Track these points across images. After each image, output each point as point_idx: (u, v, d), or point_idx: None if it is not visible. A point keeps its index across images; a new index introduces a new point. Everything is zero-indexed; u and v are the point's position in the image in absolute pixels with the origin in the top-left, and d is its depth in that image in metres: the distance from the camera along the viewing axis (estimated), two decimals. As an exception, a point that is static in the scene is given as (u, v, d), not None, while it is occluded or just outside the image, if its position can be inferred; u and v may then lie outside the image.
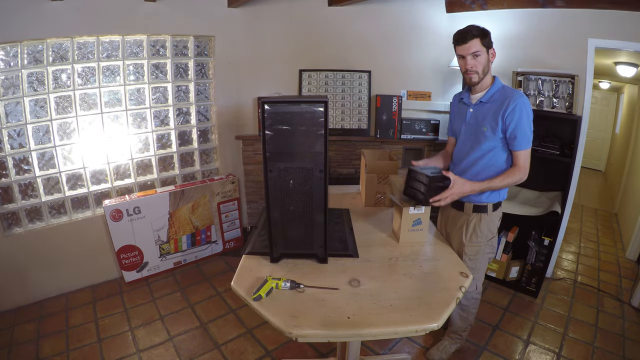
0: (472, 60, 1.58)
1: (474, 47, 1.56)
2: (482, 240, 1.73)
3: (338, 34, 3.20)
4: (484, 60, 1.58)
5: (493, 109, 1.59)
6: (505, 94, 1.58)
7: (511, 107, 1.53)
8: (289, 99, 1.29)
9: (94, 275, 2.82)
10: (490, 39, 1.59)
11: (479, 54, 1.57)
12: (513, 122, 1.54)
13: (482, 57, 1.58)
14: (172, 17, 2.76)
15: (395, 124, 3.18)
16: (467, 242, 1.73)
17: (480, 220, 1.70)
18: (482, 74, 1.60)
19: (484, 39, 1.56)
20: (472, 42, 1.55)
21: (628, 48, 2.49)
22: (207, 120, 3.25)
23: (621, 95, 6.00)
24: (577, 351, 2.18)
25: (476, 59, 1.58)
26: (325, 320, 1.14)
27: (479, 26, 1.57)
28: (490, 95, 1.62)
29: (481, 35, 1.56)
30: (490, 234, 1.74)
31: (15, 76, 2.34)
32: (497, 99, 1.60)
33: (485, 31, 1.57)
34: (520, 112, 1.52)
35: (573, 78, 2.49)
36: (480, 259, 1.76)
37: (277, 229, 1.38)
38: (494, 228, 1.75)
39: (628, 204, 4.03)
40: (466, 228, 1.73)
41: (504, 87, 1.64)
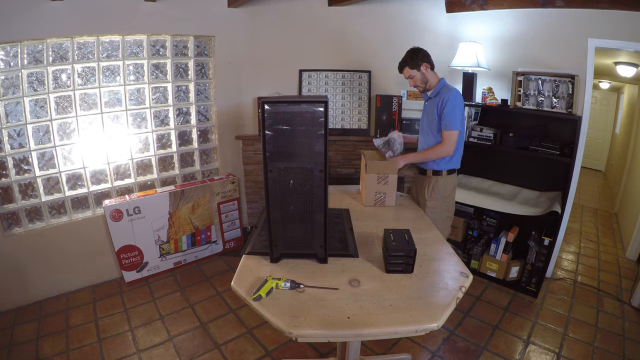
0: (411, 81, 2.17)
1: (406, 73, 2.14)
2: (439, 196, 2.15)
3: (338, 34, 3.20)
4: (418, 78, 2.13)
5: (435, 102, 2.08)
6: (442, 92, 2.06)
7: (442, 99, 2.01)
8: (289, 99, 1.29)
9: (94, 275, 2.83)
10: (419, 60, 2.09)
11: (412, 75, 2.13)
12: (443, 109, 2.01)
13: (416, 77, 2.12)
14: (172, 17, 2.76)
15: (395, 124, 3.18)
16: (428, 197, 2.16)
17: (437, 181, 2.15)
18: (422, 85, 2.15)
19: (411, 64, 2.10)
20: (404, 71, 2.14)
21: (628, 48, 2.49)
22: (207, 120, 3.26)
23: (621, 95, 6.00)
24: (577, 351, 2.18)
25: (412, 79, 2.15)
26: (325, 320, 1.14)
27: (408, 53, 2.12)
28: (435, 93, 2.12)
29: (409, 62, 2.11)
30: (445, 192, 2.16)
31: (15, 76, 2.34)
32: (438, 94, 2.09)
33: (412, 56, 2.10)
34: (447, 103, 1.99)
35: (573, 78, 2.49)
36: (438, 212, 2.16)
37: (277, 229, 1.38)
38: (448, 188, 2.16)
39: (628, 204, 4.03)
40: (427, 186, 2.17)
41: (444, 86, 2.09)
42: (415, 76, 2.12)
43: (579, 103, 2.59)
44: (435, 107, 2.06)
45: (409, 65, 2.12)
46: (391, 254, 1.37)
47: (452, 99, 1.99)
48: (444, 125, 2.02)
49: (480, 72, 2.93)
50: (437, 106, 2.03)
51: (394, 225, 1.80)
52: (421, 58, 2.11)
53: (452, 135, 2.02)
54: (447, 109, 1.99)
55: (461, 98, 2.04)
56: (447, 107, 1.99)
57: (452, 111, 1.99)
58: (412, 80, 2.16)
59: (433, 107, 2.08)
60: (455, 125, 2.00)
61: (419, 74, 2.11)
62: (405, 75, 2.15)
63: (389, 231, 1.49)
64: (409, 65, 2.12)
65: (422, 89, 2.18)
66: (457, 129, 2.01)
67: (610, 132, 6.58)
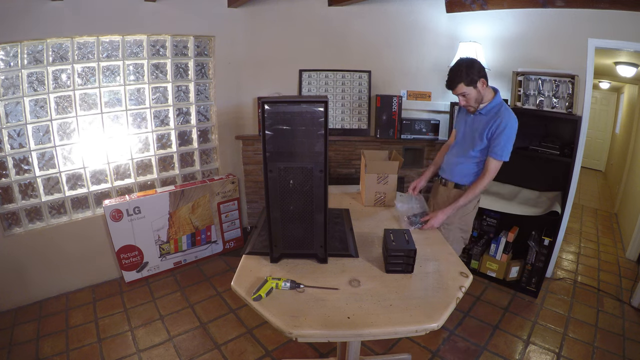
0: (463, 99, 1.85)
1: (460, 90, 1.80)
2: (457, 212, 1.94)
3: (338, 34, 3.20)
4: (473, 95, 1.81)
5: (486, 120, 1.83)
6: (499, 111, 1.81)
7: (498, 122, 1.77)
8: (289, 99, 1.29)
9: (94, 275, 2.82)
10: (474, 76, 1.76)
11: (467, 94, 1.80)
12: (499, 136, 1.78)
13: (471, 94, 1.80)
14: (172, 17, 2.76)
15: (395, 124, 3.18)
16: None
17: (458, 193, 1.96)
18: (476, 104, 1.84)
19: (467, 80, 1.76)
20: (458, 87, 1.80)
21: (628, 48, 2.50)
22: (207, 120, 3.25)
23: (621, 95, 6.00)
24: (577, 351, 2.18)
25: (466, 96, 1.82)
26: (325, 320, 1.14)
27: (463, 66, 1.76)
28: (489, 110, 1.85)
29: (464, 78, 1.76)
30: (465, 210, 1.97)
31: (15, 76, 2.34)
32: (492, 113, 1.83)
33: (469, 72, 1.75)
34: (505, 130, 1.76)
35: (573, 78, 2.49)
36: (453, 229, 1.98)
37: (277, 229, 1.38)
38: (468, 206, 1.98)
39: (628, 204, 4.03)
40: (448, 199, 2.00)
41: (501, 104, 1.84)
42: (470, 94, 1.80)
43: (579, 103, 2.59)
44: (485, 126, 1.81)
45: (464, 82, 1.77)
46: (391, 254, 1.37)
47: (510, 128, 1.76)
48: (495, 153, 1.79)
49: (480, 72, 2.93)
50: (489, 127, 1.79)
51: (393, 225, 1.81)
52: (477, 72, 1.77)
53: (499, 165, 1.83)
54: (504, 138, 1.76)
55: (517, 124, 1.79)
56: (504, 135, 1.76)
57: (507, 141, 1.77)
58: (464, 99, 1.83)
59: (481, 126, 1.84)
60: (507, 155, 1.79)
61: (475, 91, 1.80)
62: (458, 92, 1.82)
63: (389, 231, 1.49)
64: (464, 81, 1.77)
65: (473, 110, 1.88)
66: (506, 159, 1.80)
67: (610, 132, 6.58)
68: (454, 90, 1.83)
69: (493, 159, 1.81)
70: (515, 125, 1.78)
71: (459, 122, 2.05)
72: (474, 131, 1.88)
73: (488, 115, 1.83)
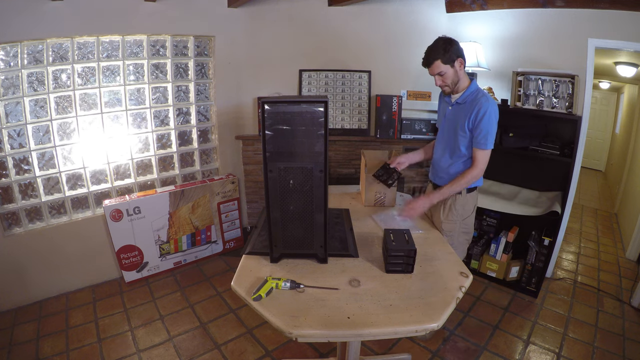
0: (439, 79, 1.77)
1: (437, 69, 1.72)
2: (457, 218, 1.88)
3: (338, 34, 3.20)
4: (450, 75, 1.74)
5: (464, 110, 1.76)
6: (476, 98, 1.73)
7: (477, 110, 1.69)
8: (289, 99, 1.29)
9: (94, 275, 2.82)
10: (452, 54, 1.69)
11: (443, 72, 1.73)
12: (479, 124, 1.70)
13: (448, 74, 1.74)
14: (172, 17, 2.76)
15: (395, 124, 3.18)
16: (444, 219, 1.89)
17: (455, 200, 1.86)
18: (452, 86, 1.77)
19: (444, 57, 1.69)
20: (434, 65, 1.72)
21: (628, 48, 2.49)
22: (207, 120, 3.25)
23: (621, 95, 6.00)
24: (577, 351, 2.18)
25: (442, 76, 1.75)
26: (325, 320, 1.14)
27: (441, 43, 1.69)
28: (464, 97, 1.78)
29: (441, 55, 1.69)
30: (465, 213, 1.89)
31: (15, 76, 2.34)
32: (469, 101, 1.76)
33: (446, 48, 1.68)
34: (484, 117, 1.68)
35: (573, 78, 2.49)
36: (455, 236, 1.90)
37: (277, 229, 1.38)
38: (468, 208, 1.90)
39: (628, 204, 4.03)
40: (444, 207, 1.89)
41: (477, 90, 1.77)
42: (446, 73, 1.72)
43: (579, 103, 2.59)
44: (465, 116, 1.74)
45: (441, 59, 1.69)
46: (391, 254, 1.37)
47: (490, 113, 1.67)
48: (478, 142, 1.72)
49: (480, 72, 2.93)
50: (469, 117, 1.72)
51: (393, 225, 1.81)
52: (456, 51, 1.71)
53: (487, 155, 1.74)
54: (485, 124, 1.68)
55: (497, 110, 1.72)
56: (485, 121, 1.68)
57: (490, 128, 1.69)
58: (440, 78, 1.76)
59: (462, 116, 1.76)
60: (491, 143, 1.71)
61: (452, 71, 1.72)
62: (434, 71, 1.74)
63: (389, 231, 1.49)
64: (442, 58, 1.69)
65: (449, 91, 1.81)
66: (492, 147, 1.73)
67: (610, 132, 6.58)
68: (430, 69, 1.75)
69: (479, 149, 1.73)
70: (494, 111, 1.70)
71: (440, 118, 1.99)
72: (455, 124, 1.80)
73: (465, 104, 1.76)
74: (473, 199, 1.92)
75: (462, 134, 1.77)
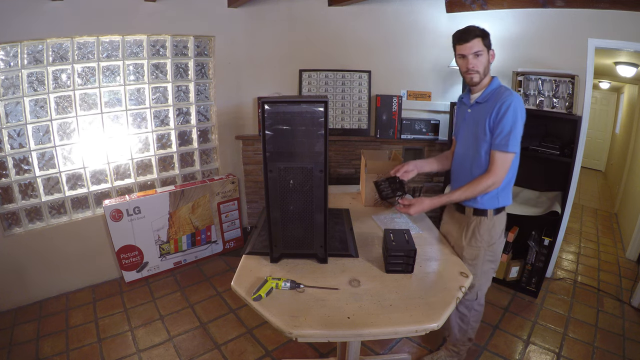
0: (473, 59, 1.55)
1: (476, 47, 1.53)
2: (481, 244, 1.65)
3: (338, 34, 3.20)
4: (485, 60, 1.56)
5: (485, 109, 1.56)
6: (498, 93, 1.55)
7: (499, 106, 1.50)
8: (289, 99, 1.29)
9: (94, 275, 2.82)
10: (490, 40, 1.57)
11: (481, 53, 1.54)
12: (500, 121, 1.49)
13: (484, 57, 1.55)
14: (172, 17, 2.76)
15: (395, 124, 3.18)
16: (466, 245, 1.67)
17: (480, 223, 1.64)
18: (482, 74, 1.57)
19: (485, 39, 1.54)
20: (474, 42, 1.52)
21: (628, 48, 2.50)
22: (207, 120, 3.25)
23: (621, 95, 6.00)
24: (577, 351, 2.18)
25: (477, 58, 1.54)
26: (325, 320, 1.14)
27: (479, 27, 1.56)
28: (485, 95, 1.59)
29: (482, 35, 1.54)
30: (491, 239, 1.66)
31: (15, 76, 2.34)
32: (490, 99, 1.57)
33: (485, 32, 1.56)
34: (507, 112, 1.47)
35: (573, 78, 2.49)
36: (479, 264, 1.67)
37: (277, 229, 1.38)
38: (494, 233, 1.66)
39: (628, 204, 4.03)
40: (466, 230, 1.67)
41: (500, 86, 1.59)
42: (483, 55, 1.55)
43: (579, 103, 2.59)
44: (486, 115, 1.53)
45: (482, 38, 1.54)
46: (391, 254, 1.37)
47: (515, 108, 1.47)
48: (499, 144, 1.49)
49: (480, 72, 2.93)
50: (491, 115, 1.51)
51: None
52: (490, 41, 1.58)
53: (507, 159, 1.51)
54: (507, 122, 1.47)
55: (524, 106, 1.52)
56: (508, 118, 1.46)
57: (513, 125, 1.47)
58: (475, 60, 1.54)
59: (482, 116, 1.55)
60: (514, 145, 1.49)
61: (487, 56, 1.57)
62: (470, 50, 1.53)
63: (389, 231, 1.49)
64: (483, 38, 1.54)
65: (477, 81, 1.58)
66: (515, 150, 1.51)
67: (610, 132, 6.58)
68: (467, 45, 1.53)
69: (497, 151, 1.51)
70: (520, 107, 1.49)
71: (458, 123, 1.77)
72: (475, 127, 1.60)
73: (487, 103, 1.57)
74: (501, 222, 1.67)
75: (483, 137, 1.55)
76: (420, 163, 1.86)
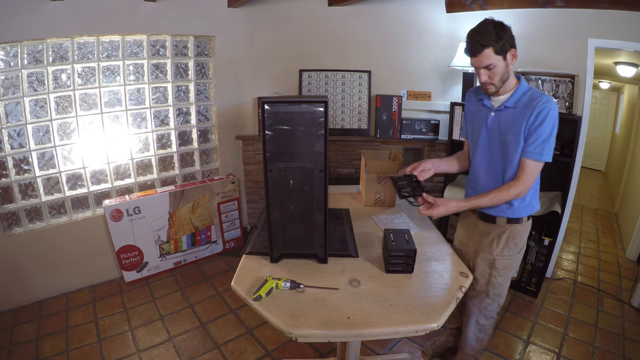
0: (485, 74, 1.40)
1: (486, 60, 1.36)
2: (513, 252, 1.58)
3: (338, 34, 3.20)
4: (500, 70, 1.38)
5: (518, 114, 1.41)
6: (532, 98, 1.39)
7: (537, 112, 1.35)
8: (289, 99, 1.29)
9: (94, 275, 2.82)
10: (506, 42, 1.35)
11: (492, 67, 1.36)
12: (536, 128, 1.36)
13: (498, 68, 1.37)
14: (172, 17, 2.76)
15: (395, 124, 3.18)
16: (499, 256, 1.57)
17: (514, 232, 1.56)
18: (499, 84, 1.42)
19: (497, 46, 1.34)
20: (483, 55, 1.35)
21: (628, 48, 2.50)
22: (207, 120, 3.25)
23: (621, 95, 6.00)
24: (577, 351, 2.18)
25: (491, 71, 1.38)
26: (325, 320, 1.14)
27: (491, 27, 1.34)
28: (517, 100, 1.43)
29: (494, 42, 1.33)
30: (522, 245, 1.61)
31: (15, 76, 2.34)
32: (523, 104, 1.41)
33: (499, 34, 1.34)
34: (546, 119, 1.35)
35: (573, 78, 2.49)
36: (509, 274, 1.63)
37: (277, 229, 1.38)
38: (525, 238, 1.61)
39: (628, 204, 4.03)
40: (498, 241, 1.57)
41: (530, 89, 1.44)
42: (497, 67, 1.37)
43: (579, 103, 2.59)
44: (521, 121, 1.38)
45: (493, 47, 1.33)
46: (391, 254, 1.37)
47: (552, 115, 1.35)
48: (532, 151, 1.38)
49: (480, 72, 2.93)
50: (527, 121, 1.37)
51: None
52: (509, 40, 1.36)
53: (539, 168, 1.42)
54: (545, 129, 1.35)
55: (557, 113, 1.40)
56: (545, 126, 1.34)
57: (550, 133, 1.36)
58: (487, 73, 1.39)
59: (515, 123, 1.41)
60: (549, 154, 1.38)
61: (503, 64, 1.38)
62: (481, 63, 1.37)
63: (389, 231, 1.49)
64: (494, 46, 1.33)
65: (494, 91, 1.44)
66: (548, 160, 1.40)
67: (610, 132, 6.58)
68: (476, 58, 1.38)
69: (530, 159, 1.39)
70: (556, 113, 1.37)
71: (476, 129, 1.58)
72: (504, 134, 1.45)
73: (518, 109, 1.41)
74: (529, 227, 1.61)
75: (517, 145, 1.41)
76: (438, 162, 1.71)
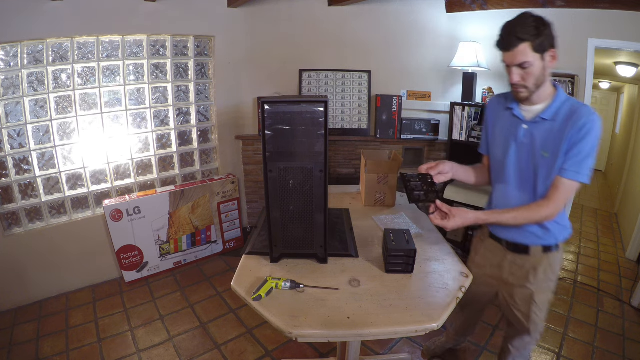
0: (518, 73, 1.20)
1: (521, 57, 1.16)
2: (552, 282, 1.41)
3: (338, 34, 3.20)
4: (536, 71, 1.18)
5: (557, 129, 1.22)
6: (573, 109, 1.21)
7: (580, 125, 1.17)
8: (289, 99, 1.29)
9: (94, 275, 2.82)
10: (546, 39, 1.15)
11: (528, 65, 1.16)
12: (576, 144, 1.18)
13: (535, 68, 1.17)
14: (172, 17, 2.76)
15: (395, 124, 3.18)
16: (537, 289, 1.40)
17: (551, 259, 1.38)
18: (534, 88, 1.22)
19: (536, 42, 1.14)
20: (518, 50, 1.15)
21: (628, 48, 2.50)
22: (207, 120, 3.26)
23: (621, 95, 6.01)
24: (577, 351, 2.18)
25: (525, 70, 1.18)
26: (325, 320, 1.14)
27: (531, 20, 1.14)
28: (555, 111, 1.23)
29: (533, 37, 1.13)
30: (558, 272, 1.44)
31: (15, 76, 2.34)
32: (562, 116, 1.22)
33: (540, 29, 1.13)
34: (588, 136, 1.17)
35: (573, 78, 2.49)
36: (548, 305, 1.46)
37: (277, 229, 1.38)
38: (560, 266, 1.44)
39: (628, 204, 4.03)
40: (534, 274, 1.38)
41: (569, 99, 1.26)
42: (533, 66, 1.17)
43: (579, 103, 2.58)
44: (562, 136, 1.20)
45: (531, 42, 1.14)
46: (391, 254, 1.37)
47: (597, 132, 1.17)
48: (569, 170, 1.20)
49: (480, 72, 2.93)
50: (569, 136, 1.19)
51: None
52: (550, 38, 1.18)
53: (574, 188, 1.24)
54: (585, 147, 1.17)
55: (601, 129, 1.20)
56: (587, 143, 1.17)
57: (591, 151, 1.19)
58: (521, 73, 1.19)
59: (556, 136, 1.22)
60: (585, 175, 1.21)
61: (541, 65, 1.18)
62: (515, 60, 1.17)
63: (389, 231, 1.49)
64: (532, 42, 1.14)
65: (525, 96, 1.24)
66: (586, 181, 1.22)
67: (610, 132, 6.58)
68: (510, 54, 1.17)
69: (565, 178, 1.21)
70: (601, 129, 1.19)
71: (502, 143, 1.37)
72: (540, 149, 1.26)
73: (557, 122, 1.22)
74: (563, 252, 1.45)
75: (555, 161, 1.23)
76: (457, 167, 1.50)
